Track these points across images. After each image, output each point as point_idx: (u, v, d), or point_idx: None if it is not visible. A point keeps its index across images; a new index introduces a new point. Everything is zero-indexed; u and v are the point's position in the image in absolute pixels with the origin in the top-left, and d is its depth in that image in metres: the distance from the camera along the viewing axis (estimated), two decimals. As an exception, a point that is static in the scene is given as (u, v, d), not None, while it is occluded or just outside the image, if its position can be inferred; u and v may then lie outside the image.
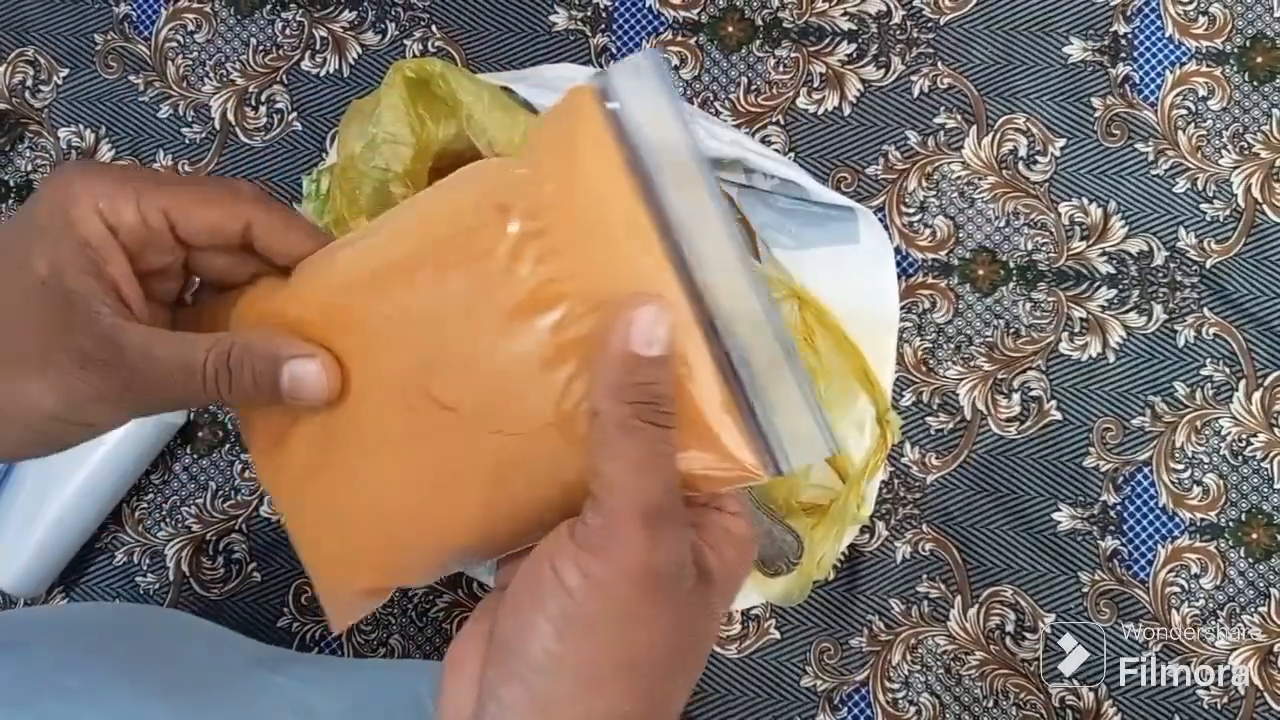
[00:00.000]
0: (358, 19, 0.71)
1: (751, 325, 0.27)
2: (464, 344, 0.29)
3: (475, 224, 0.29)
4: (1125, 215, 0.66)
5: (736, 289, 0.27)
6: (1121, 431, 0.65)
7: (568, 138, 0.28)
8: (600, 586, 0.25)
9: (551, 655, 0.26)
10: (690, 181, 0.27)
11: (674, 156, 0.27)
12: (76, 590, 0.67)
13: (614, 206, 0.28)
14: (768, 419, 0.27)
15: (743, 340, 0.27)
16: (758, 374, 0.27)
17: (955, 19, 0.68)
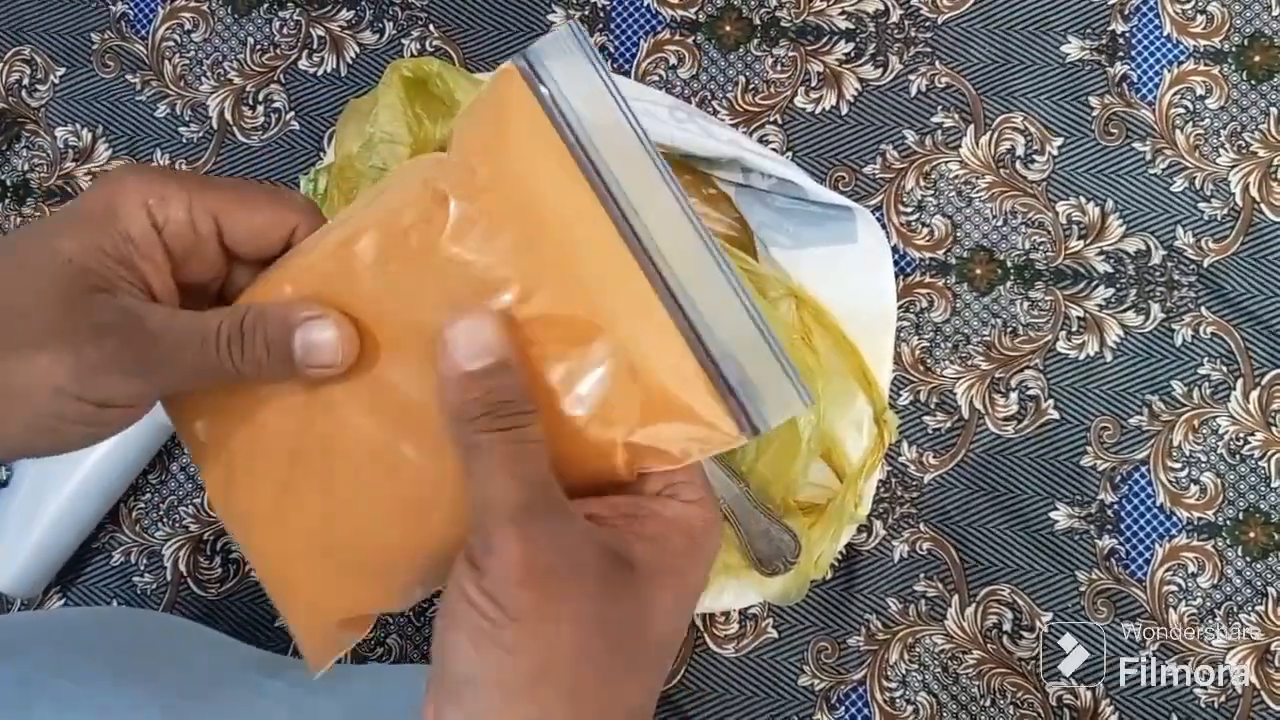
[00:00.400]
0: (355, 18, 0.71)
1: (715, 289, 0.27)
2: (421, 342, 0.28)
3: (415, 217, 0.28)
4: (1123, 214, 0.66)
5: (692, 253, 0.27)
6: (1119, 430, 0.65)
7: (496, 119, 0.28)
8: (494, 595, 0.25)
9: (473, 668, 0.26)
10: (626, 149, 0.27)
11: (606, 127, 0.27)
12: (74, 591, 0.67)
13: (552, 183, 0.27)
14: (740, 380, 0.27)
15: (708, 302, 0.27)
16: (724, 337, 0.27)
17: (953, 18, 0.68)
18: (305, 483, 0.30)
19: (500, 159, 0.28)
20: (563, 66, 0.28)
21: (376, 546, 0.30)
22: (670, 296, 0.27)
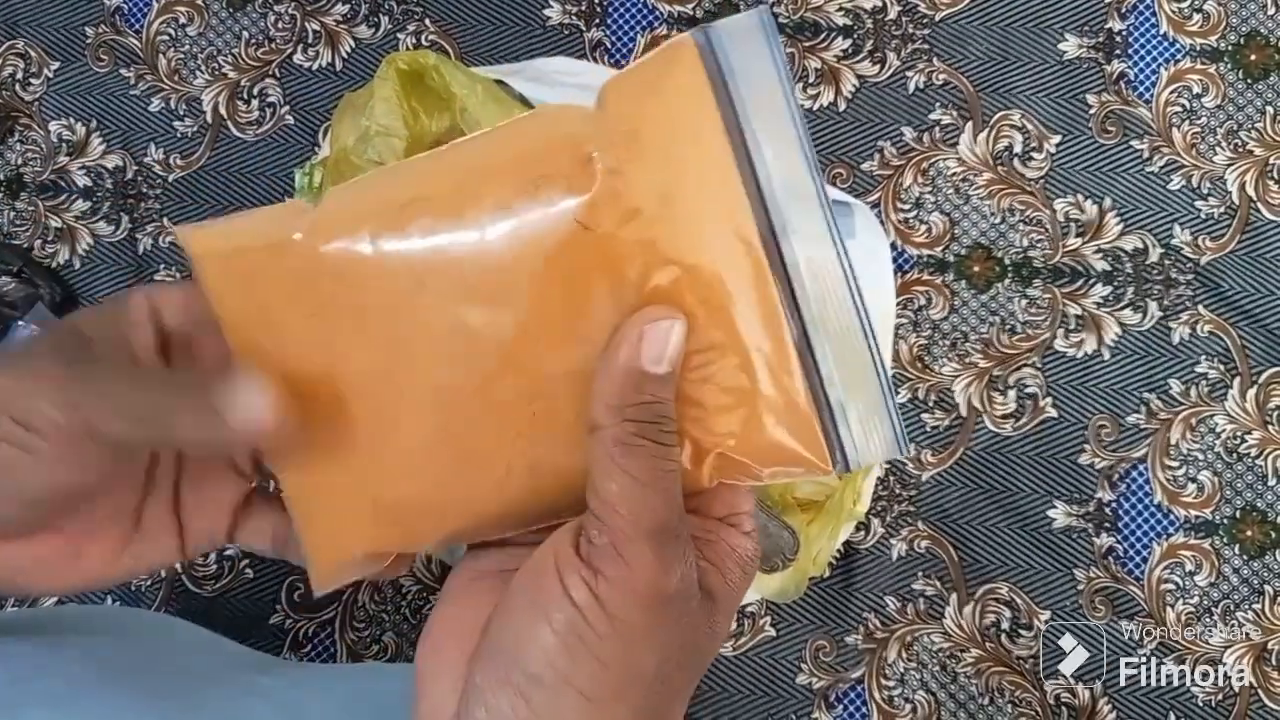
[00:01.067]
0: (350, 12, 0.70)
1: (838, 308, 0.26)
2: (520, 295, 0.27)
3: (545, 169, 0.27)
4: (1120, 212, 0.66)
5: (828, 269, 0.26)
6: (1117, 428, 0.65)
7: (661, 88, 0.27)
8: (609, 607, 0.25)
9: (556, 671, 0.25)
10: (787, 147, 0.26)
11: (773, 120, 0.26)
12: (66, 587, 0.66)
13: (705, 165, 0.26)
14: (842, 411, 0.27)
15: (828, 324, 0.27)
16: (837, 361, 0.27)
17: (951, 15, 0.68)
18: (366, 421, 0.29)
19: (656, 134, 0.26)
20: (742, 54, 0.26)
21: (423, 487, 0.29)
22: (799, 319, 0.26)
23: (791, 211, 0.26)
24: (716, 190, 0.26)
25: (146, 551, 0.31)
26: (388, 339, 0.28)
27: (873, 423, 0.27)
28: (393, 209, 0.28)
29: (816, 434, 0.27)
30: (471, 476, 0.29)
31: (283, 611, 0.65)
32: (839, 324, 0.27)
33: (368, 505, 0.30)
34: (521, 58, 0.69)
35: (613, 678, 0.25)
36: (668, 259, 0.27)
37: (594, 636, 0.25)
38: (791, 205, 0.26)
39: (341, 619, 0.65)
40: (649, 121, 0.27)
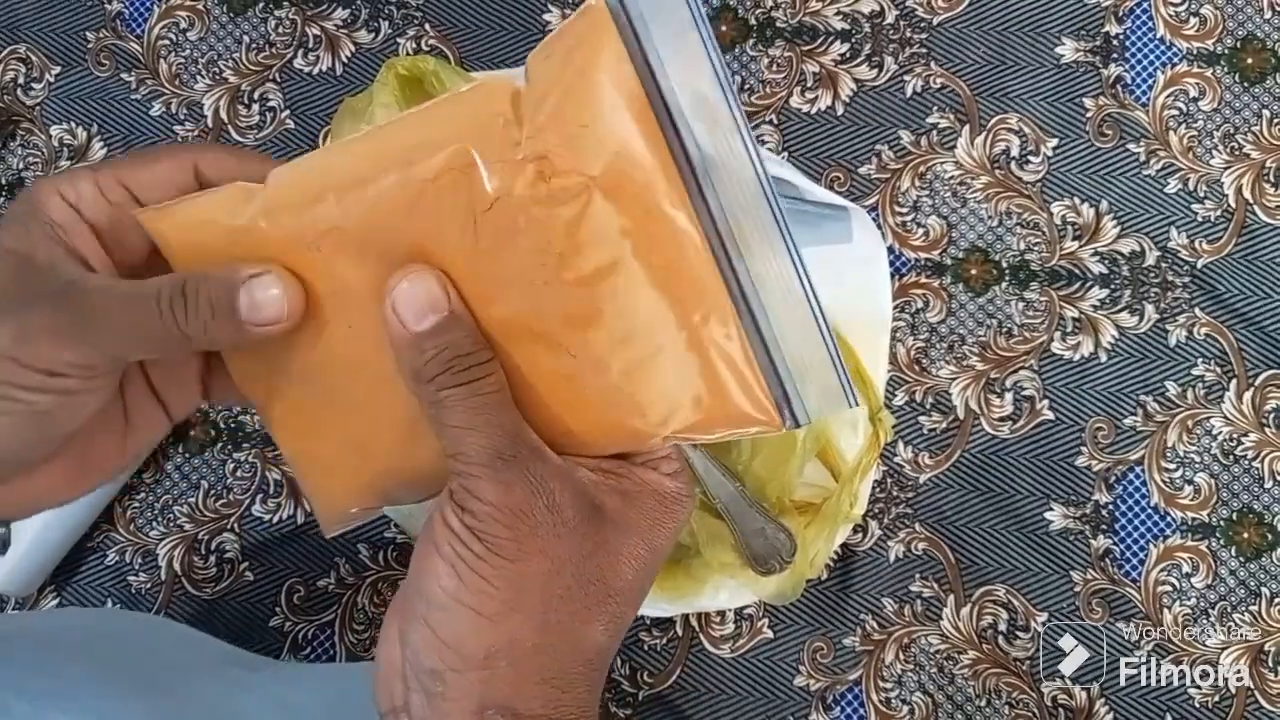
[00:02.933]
0: (351, 17, 0.71)
1: (775, 264, 0.27)
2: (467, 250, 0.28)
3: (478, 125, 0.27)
4: (1117, 215, 0.66)
5: (763, 230, 0.27)
6: (1113, 431, 0.65)
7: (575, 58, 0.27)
8: (478, 530, 0.27)
9: (447, 592, 0.27)
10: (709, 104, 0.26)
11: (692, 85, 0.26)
12: (68, 590, 0.66)
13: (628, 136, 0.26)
14: (789, 370, 0.27)
15: (764, 278, 0.27)
16: (776, 316, 0.27)
17: (948, 19, 0.68)
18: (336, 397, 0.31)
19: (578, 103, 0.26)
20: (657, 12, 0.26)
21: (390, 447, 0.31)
22: (732, 273, 0.27)
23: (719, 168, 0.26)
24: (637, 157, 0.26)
25: (144, 434, 0.33)
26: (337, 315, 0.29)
27: (818, 376, 0.27)
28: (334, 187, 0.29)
29: (763, 393, 0.27)
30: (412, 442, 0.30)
31: (282, 614, 0.66)
32: (773, 276, 0.27)
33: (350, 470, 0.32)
34: (521, 63, 0.69)
35: (500, 593, 0.27)
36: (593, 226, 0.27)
37: (473, 557, 0.27)
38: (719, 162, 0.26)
39: (341, 621, 0.66)
40: (568, 94, 0.27)
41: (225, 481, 0.67)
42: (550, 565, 0.27)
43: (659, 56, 0.26)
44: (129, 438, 0.33)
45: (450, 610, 0.27)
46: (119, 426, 0.33)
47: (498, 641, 0.27)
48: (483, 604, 0.27)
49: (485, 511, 0.27)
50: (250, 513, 0.67)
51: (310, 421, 0.32)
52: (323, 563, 0.66)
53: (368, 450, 0.31)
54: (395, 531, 0.66)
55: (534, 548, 0.27)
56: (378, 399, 0.30)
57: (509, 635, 0.27)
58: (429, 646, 0.28)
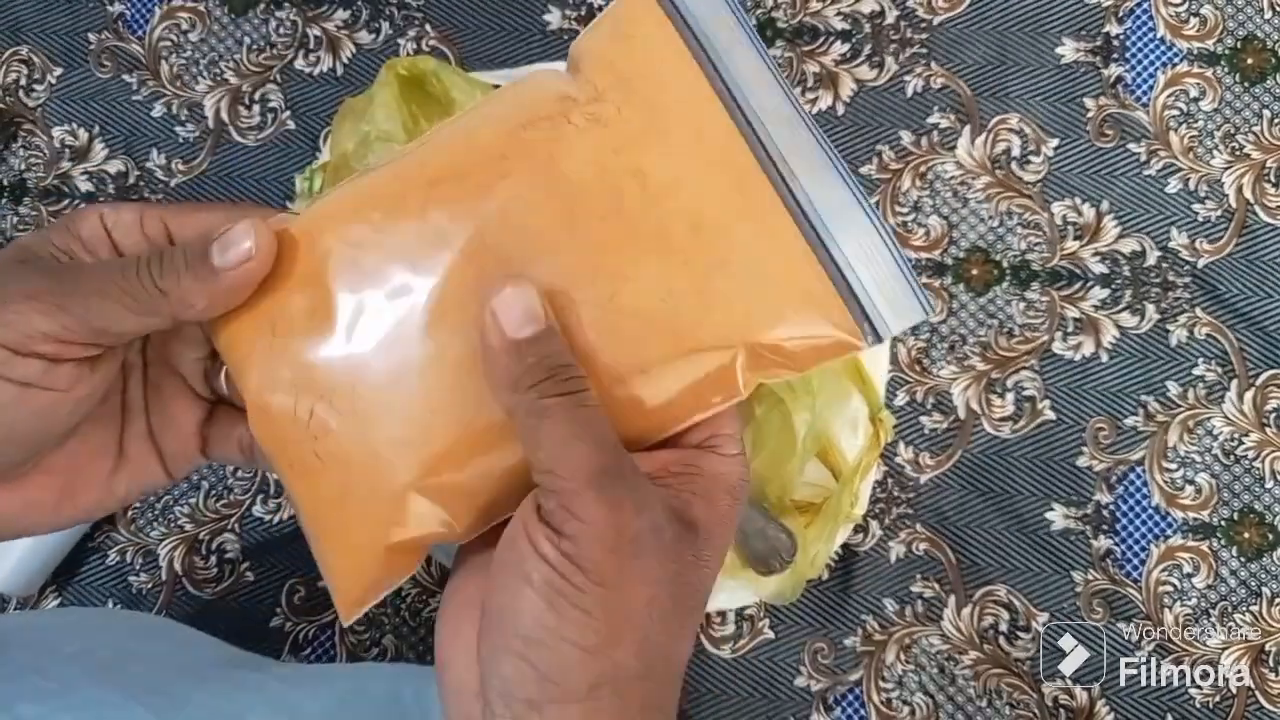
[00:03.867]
0: (351, 18, 0.71)
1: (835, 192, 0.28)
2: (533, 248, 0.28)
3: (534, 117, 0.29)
4: (1118, 215, 0.66)
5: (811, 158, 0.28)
6: (1114, 431, 0.65)
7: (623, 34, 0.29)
8: (578, 559, 0.25)
9: (546, 629, 0.26)
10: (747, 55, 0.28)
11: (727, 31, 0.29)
12: (69, 590, 0.66)
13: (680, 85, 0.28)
14: (862, 285, 0.28)
15: (828, 206, 0.28)
16: (847, 241, 0.28)
17: (949, 19, 0.68)
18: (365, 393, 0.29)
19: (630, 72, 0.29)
20: None
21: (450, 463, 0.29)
22: (794, 201, 0.28)
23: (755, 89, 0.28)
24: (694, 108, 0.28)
25: (135, 477, 0.32)
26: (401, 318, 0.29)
27: (893, 290, 0.28)
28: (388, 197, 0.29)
29: (842, 309, 0.28)
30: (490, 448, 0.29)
31: (283, 614, 0.66)
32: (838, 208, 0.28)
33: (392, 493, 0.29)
34: (521, 63, 0.69)
35: (602, 624, 0.26)
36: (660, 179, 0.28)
37: (572, 589, 0.25)
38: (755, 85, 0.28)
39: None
40: (621, 58, 0.29)
41: (226, 482, 0.67)
42: (653, 590, 0.26)
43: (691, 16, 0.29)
44: (119, 474, 0.32)
45: (549, 646, 0.26)
46: (109, 457, 0.32)
47: (602, 673, 0.26)
48: (585, 637, 0.26)
49: (587, 534, 0.25)
50: (251, 513, 0.67)
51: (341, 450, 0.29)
52: (323, 563, 0.66)
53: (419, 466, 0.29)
54: (396, 532, 0.66)
55: (637, 573, 0.26)
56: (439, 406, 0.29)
57: (613, 666, 0.26)
58: (525, 679, 0.26)
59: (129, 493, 0.33)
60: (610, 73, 0.29)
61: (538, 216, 0.28)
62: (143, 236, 0.30)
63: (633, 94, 0.28)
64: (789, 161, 0.28)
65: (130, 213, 0.30)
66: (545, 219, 0.28)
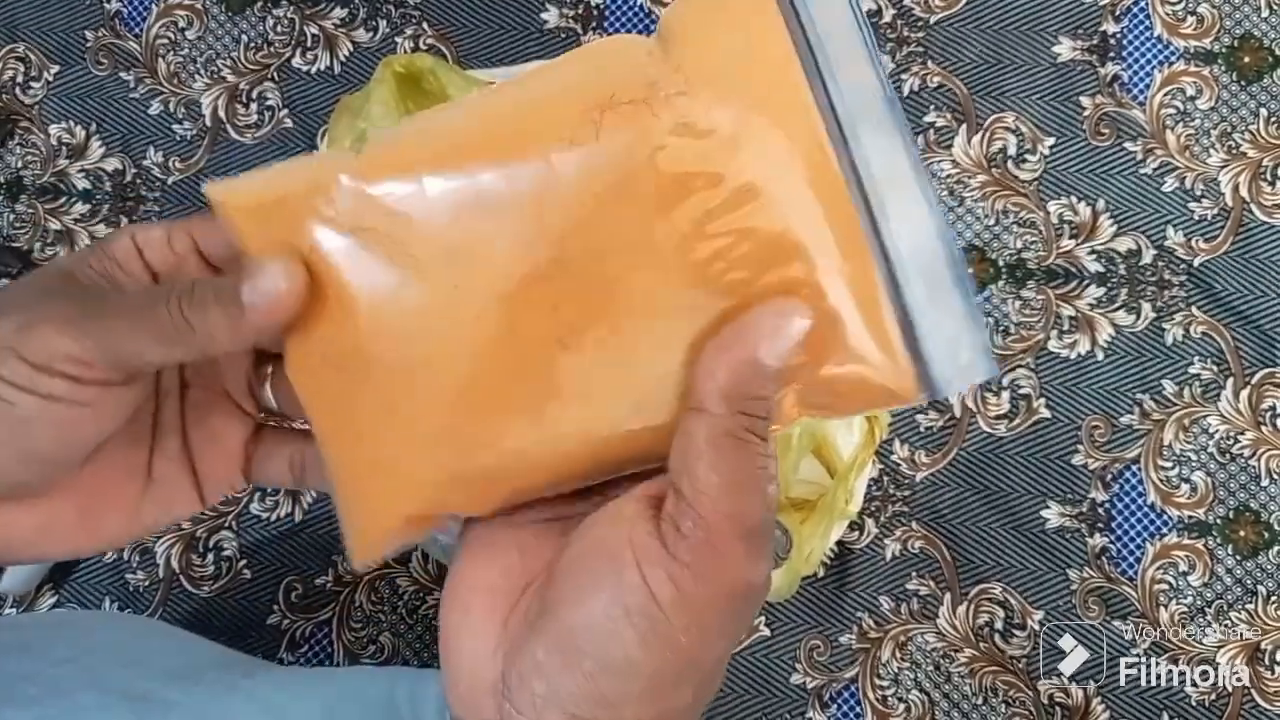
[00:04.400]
0: (349, 16, 0.71)
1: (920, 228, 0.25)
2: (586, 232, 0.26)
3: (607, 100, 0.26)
4: (1114, 214, 0.67)
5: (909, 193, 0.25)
6: (1110, 429, 0.65)
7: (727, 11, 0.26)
8: (693, 602, 0.24)
9: (630, 661, 0.25)
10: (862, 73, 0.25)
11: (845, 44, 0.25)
12: (66, 588, 0.67)
13: (779, 93, 0.25)
14: (928, 338, 0.26)
15: (916, 257, 0.25)
16: (925, 292, 0.25)
17: (945, 18, 0.69)
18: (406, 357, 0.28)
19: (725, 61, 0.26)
20: None
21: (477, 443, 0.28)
22: (875, 236, 0.25)
23: (866, 137, 0.25)
24: (791, 120, 0.25)
25: (164, 503, 0.31)
26: (442, 281, 0.27)
27: (960, 348, 0.26)
28: (449, 150, 0.27)
29: (906, 365, 0.26)
30: (532, 429, 0.28)
31: (280, 612, 0.66)
32: (925, 254, 0.26)
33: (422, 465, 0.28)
34: (518, 61, 0.69)
35: (682, 663, 0.25)
36: (739, 185, 0.26)
37: (672, 631, 0.24)
38: (865, 128, 0.25)
39: (339, 619, 0.66)
40: (719, 42, 0.26)
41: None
42: (727, 646, 0.26)
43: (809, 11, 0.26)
44: (147, 499, 0.31)
45: (625, 674, 0.25)
46: (136, 480, 0.31)
47: (661, 710, 0.25)
48: (664, 677, 0.25)
49: (714, 581, 0.24)
50: (248, 511, 0.67)
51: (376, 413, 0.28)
52: (320, 561, 0.66)
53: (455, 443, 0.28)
54: (393, 529, 0.66)
55: (733, 630, 0.26)
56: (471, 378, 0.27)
57: (672, 704, 0.26)
58: (585, 698, 0.25)
59: (156, 520, 0.31)
60: (701, 64, 0.26)
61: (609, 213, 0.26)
62: (171, 253, 0.30)
63: (724, 99, 0.26)
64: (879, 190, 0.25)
65: (159, 230, 0.29)
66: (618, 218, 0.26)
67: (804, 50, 0.25)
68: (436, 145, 0.27)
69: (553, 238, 0.26)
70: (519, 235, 0.26)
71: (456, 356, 0.27)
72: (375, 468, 0.29)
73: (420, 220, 0.27)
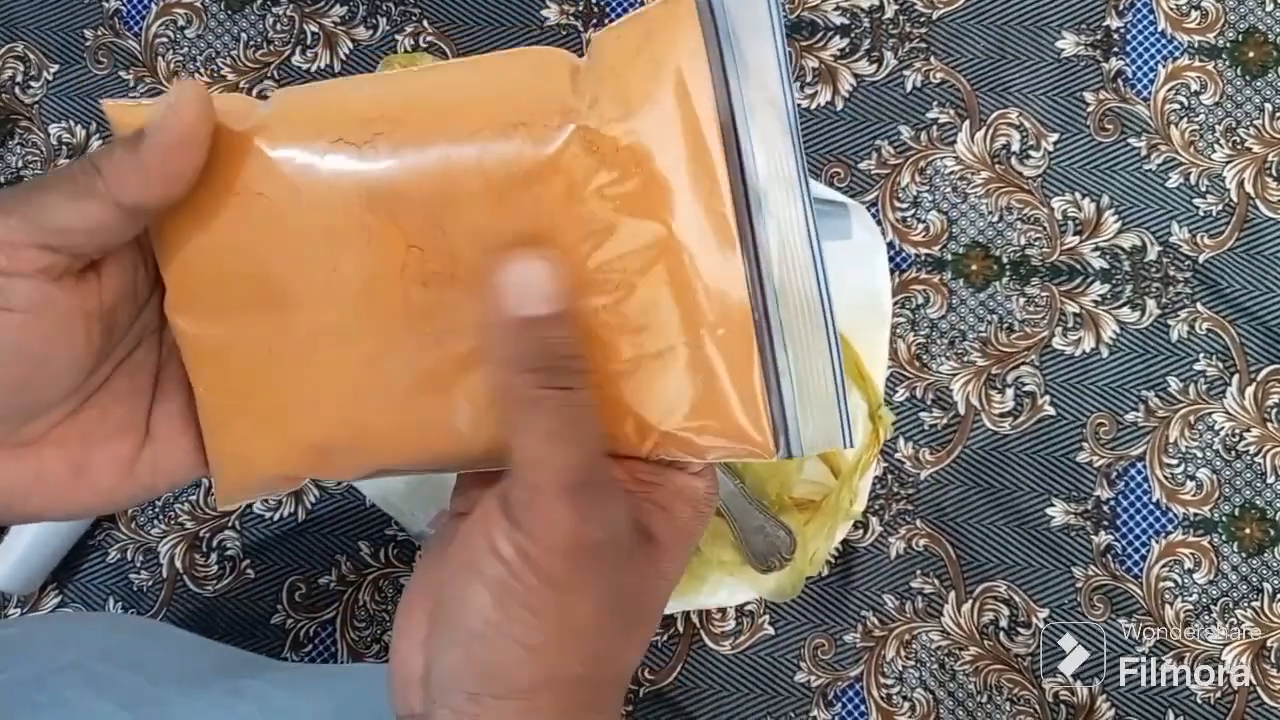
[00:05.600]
0: (349, 14, 0.70)
1: (802, 293, 0.26)
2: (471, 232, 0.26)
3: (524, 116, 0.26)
4: (1118, 210, 0.66)
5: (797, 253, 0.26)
6: (1115, 426, 0.65)
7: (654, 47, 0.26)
8: (533, 560, 0.25)
9: (491, 624, 0.25)
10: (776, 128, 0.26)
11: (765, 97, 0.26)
12: (70, 588, 0.67)
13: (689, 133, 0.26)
14: (791, 393, 0.26)
15: (790, 307, 0.26)
16: (794, 346, 0.26)
17: (948, 13, 0.68)
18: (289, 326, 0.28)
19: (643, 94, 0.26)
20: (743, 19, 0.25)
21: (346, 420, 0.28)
22: (762, 299, 0.26)
23: (771, 192, 0.26)
24: (697, 163, 0.26)
25: (162, 463, 0.30)
26: (322, 259, 0.27)
27: (821, 411, 0.27)
28: (355, 123, 0.27)
29: (765, 421, 0.27)
30: (404, 416, 0.28)
31: (284, 611, 0.66)
32: (801, 309, 0.26)
33: (282, 430, 0.29)
34: (519, 58, 0.69)
35: (549, 626, 0.25)
36: (635, 223, 0.26)
37: (522, 589, 0.25)
38: (772, 187, 0.26)
39: (342, 618, 0.66)
40: (639, 80, 0.26)
41: (226, 480, 0.67)
42: (604, 600, 0.26)
43: (735, 60, 0.25)
44: (143, 456, 0.30)
45: (493, 641, 0.25)
46: (132, 435, 0.29)
47: (542, 674, 0.26)
48: (530, 637, 0.25)
49: (547, 537, 0.25)
50: (251, 510, 0.67)
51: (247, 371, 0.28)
52: (324, 560, 0.66)
53: (321, 412, 0.28)
54: (396, 529, 0.66)
55: (591, 582, 0.26)
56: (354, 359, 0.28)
57: (555, 668, 0.26)
58: (466, 671, 0.26)
59: (153, 479, 0.30)
60: (621, 98, 0.26)
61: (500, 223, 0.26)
62: None
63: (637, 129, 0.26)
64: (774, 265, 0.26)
65: None
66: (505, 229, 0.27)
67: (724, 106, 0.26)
68: (344, 120, 0.27)
69: (442, 234, 0.26)
70: (407, 225, 0.26)
71: (328, 333, 0.28)
72: (242, 426, 0.29)
73: (309, 195, 0.27)
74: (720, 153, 0.26)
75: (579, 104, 0.26)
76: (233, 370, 0.29)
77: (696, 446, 0.27)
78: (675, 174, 0.26)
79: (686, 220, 0.26)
